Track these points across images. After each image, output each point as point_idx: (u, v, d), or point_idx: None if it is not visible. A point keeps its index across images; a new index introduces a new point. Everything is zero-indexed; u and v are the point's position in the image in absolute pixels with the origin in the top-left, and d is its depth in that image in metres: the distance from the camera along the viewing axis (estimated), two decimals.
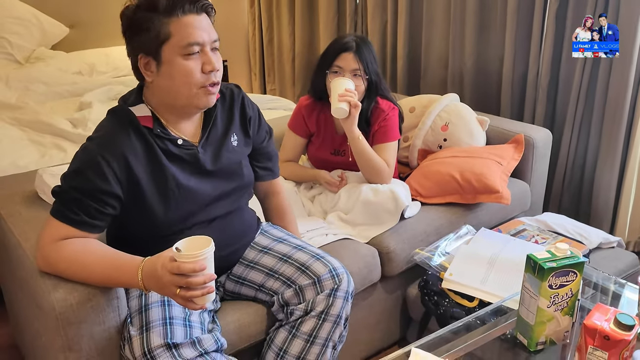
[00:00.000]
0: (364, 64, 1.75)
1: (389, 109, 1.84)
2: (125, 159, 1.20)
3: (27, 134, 2.46)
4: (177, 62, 1.18)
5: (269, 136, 1.51)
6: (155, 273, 1.07)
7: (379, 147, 1.82)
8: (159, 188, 1.25)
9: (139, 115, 1.24)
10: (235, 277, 1.45)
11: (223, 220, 1.37)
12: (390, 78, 3.10)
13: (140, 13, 1.18)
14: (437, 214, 1.85)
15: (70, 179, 1.19)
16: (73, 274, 1.17)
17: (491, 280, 1.55)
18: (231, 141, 1.37)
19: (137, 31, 1.18)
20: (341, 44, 1.78)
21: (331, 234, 1.72)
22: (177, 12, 1.16)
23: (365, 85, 1.78)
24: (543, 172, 2.16)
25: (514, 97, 2.51)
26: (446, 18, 2.70)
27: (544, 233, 1.84)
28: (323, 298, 1.34)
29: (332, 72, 1.78)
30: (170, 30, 1.16)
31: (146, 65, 1.21)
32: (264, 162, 1.51)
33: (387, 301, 1.78)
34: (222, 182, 1.35)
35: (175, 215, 1.28)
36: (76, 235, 1.18)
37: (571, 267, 1.05)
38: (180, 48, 1.17)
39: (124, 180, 1.20)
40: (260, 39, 4.02)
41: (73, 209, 1.17)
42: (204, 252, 1.05)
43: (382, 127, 1.82)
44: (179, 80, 1.19)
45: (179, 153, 1.27)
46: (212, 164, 1.32)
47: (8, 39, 3.36)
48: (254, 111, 1.44)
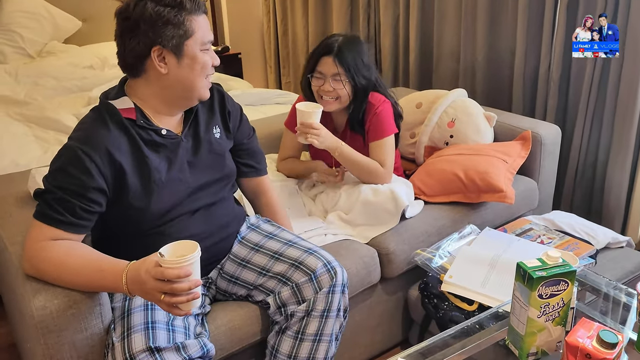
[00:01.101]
0: (344, 67, 1.68)
1: (379, 103, 1.76)
2: (108, 152, 1.20)
3: (32, 130, 2.48)
4: (198, 56, 1.26)
5: (252, 134, 1.53)
6: (139, 278, 1.06)
7: (372, 145, 1.77)
8: (143, 179, 1.25)
9: (120, 107, 1.25)
10: (228, 275, 1.43)
11: (206, 211, 1.37)
12: (402, 72, 3.05)
13: (163, 9, 1.20)
14: (440, 213, 1.80)
15: (53, 178, 1.18)
16: (58, 277, 1.16)
17: (492, 283, 1.50)
18: (213, 133, 1.39)
19: (160, 25, 1.20)
20: (323, 47, 1.72)
21: (330, 234, 1.69)
22: (199, 10, 1.25)
23: (350, 90, 1.71)
24: (552, 169, 2.09)
25: (526, 91, 2.44)
26: (458, 12, 2.65)
27: (551, 232, 1.78)
28: (323, 296, 1.34)
29: (314, 77, 1.73)
30: (193, 27, 1.24)
31: (162, 58, 1.23)
32: (247, 158, 1.51)
33: (388, 302, 1.75)
34: (204, 172, 1.36)
35: (159, 207, 1.27)
36: (61, 237, 1.17)
37: (562, 276, 1.01)
38: (201, 44, 1.26)
39: (108, 174, 1.20)
40: (275, 31, 4.00)
41: (57, 209, 1.16)
42: (189, 257, 1.03)
43: (374, 124, 1.75)
44: (197, 71, 1.26)
45: (163, 142, 1.29)
46: (195, 154, 1.34)
47: (20, 33, 3.39)
48: (235, 108, 1.48)
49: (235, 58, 4.09)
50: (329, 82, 1.70)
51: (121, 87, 1.29)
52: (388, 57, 3.09)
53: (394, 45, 3.07)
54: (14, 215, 1.50)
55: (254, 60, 4.25)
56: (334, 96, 1.71)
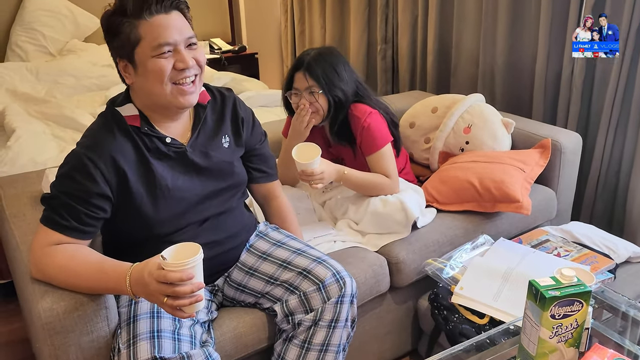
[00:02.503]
0: (315, 80, 1.65)
1: (365, 115, 1.70)
2: (113, 159, 1.19)
3: (50, 128, 2.51)
4: (149, 63, 1.17)
5: (264, 139, 1.50)
6: (142, 280, 1.05)
7: (370, 159, 1.73)
8: (148, 187, 1.24)
9: (126, 114, 1.24)
10: (235, 283, 1.42)
11: (215, 220, 1.35)
12: (420, 74, 3.01)
13: (113, 17, 1.17)
14: (453, 222, 1.76)
15: (59, 184, 1.19)
16: (63, 280, 1.16)
17: (504, 297, 1.46)
18: (222, 142, 1.36)
19: (112, 36, 1.18)
20: (295, 63, 1.71)
21: (339, 241, 1.66)
22: (143, 14, 1.15)
23: (324, 102, 1.68)
24: (571, 178, 2.04)
25: (547, 97, 2.38)
26: (478, 13, 2.59)
27: (568, 245, 1.73)
28: (331, 306, 1.31)
29: (292, 94, 1.72)
30: (140, 33, 1.16)
31: (125, 68, 1.21)
32: (259, 163, 1.48)
33: (397, 312, 1.72)
34: (211, 181, 1.33)
35: (166, 215, 1.26)
36: (67, 242, 1.18)
37: (577, 297, 0.96)
38: (151, 49, 1.16)
39: (113, 181, 1.20)
40: (292, 30, 3.98)
41: (63, 215, 1.16)
42: (191, 260, 1.02)
43: (365, 138, 1.71)
44: (152, 80, 1.18)
45: (167, 151, 1.27)
46: (201, 163, 1.32)
47: (42, 31, 3.45)
48: (247, 113, 1.44)
49: (252, 58, 4.09)
50: (304, 97, 1.68)
51: (127, 93, 1.28)
52: (405, 58, 3.05)
53: (411, 46, 3.02)
54: (27, 215, 1.51)
55: (270, 60, 4.24)
56: (312, 109, 1.69)
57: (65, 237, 1.17)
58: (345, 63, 1.73)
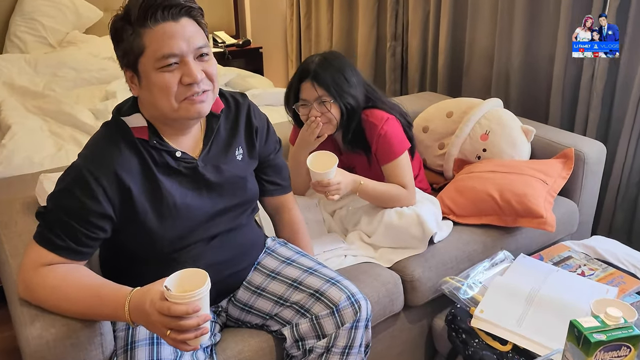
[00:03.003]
0: (325, 89, 1.55)
1: (382, 122, 1.61)
2: (117, 175, 1.09)
3: (48, 125, 2.43)
4: (152, 77, 1.06)
5: (278, 148, 1.39)
6: (143, 309, 0.96)
7: (386, 167, 1.63)
8: (155, 205, 1.14)
9: (133, 126, 1.13)
10: (241, 303, 1.32)
11: (224, 238, 1.25)
12: (430, 75, 2.91)
13: (118, 23, 1.06)
14: (471, 236, 1.67)
15: (56, 199, 1.08)
16: (55, 304, 1.07)
17: (528, 322, 1.37)
18: (235, 155, 1.25)
19: (116, 43, 1.08)
20: (300, 72, 1.60)
21: (350, 256, 1.57)
22: (148, 22, 1.03)
23: (337, 111, 1.58)
24: (594, 190, 1.94)
25: (565, 101, 2.28)
26: (493, 12, 2.48)
27: (592, 262, 1.64)
28: (345, 332, 1.23)
29: (300, 106, 1.61)
30: (143, 43, 1.04)
31: (131, 78, 1.11)
32: (272, 175, 1.38)
33: (411, 331, 1.63)
34: (223, 198, 1.23)
35: (172, 234, 1.17)
36: (60, 262, 1.08)
37: (625, 341, 0.87)
38: (155, 61, 1.05)
39: (116, 199, 1.09)
40: (298, 24, 3.87)
41: (58, 234, 1.07)
42: (198, 292, 0.93)
43: (381, 146, 1.61)
44: (157, 95, 1.08)
45: (177, 166, 1.16)
46: (213, 178, 1.21)
47: (42, 22, 3.38)
48: (262, 121, 1.32)
49: (256, 52, 3.98)
50: (314, 108, 1.57)
51: (135, 101, 1.16)
52: (415, 58, 2.94)
53: (422, 45, 2.92)
54: (19, 224, 1.42)
55: (275, 55, 4.14)
56: (324, 121, 1.58)
57: (60, 257, 1.07)
58: (352, 67, 1.64)
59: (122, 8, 1.07)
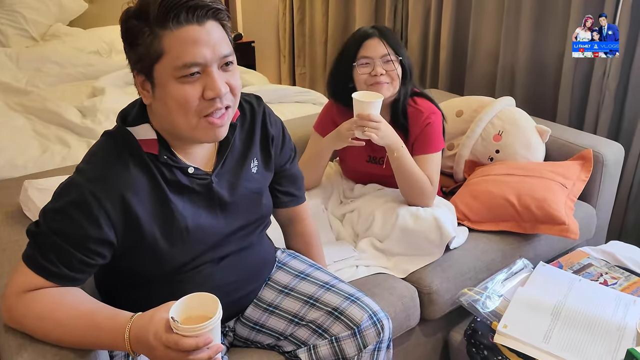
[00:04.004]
0: (392, 46, 1.54)
1: (430, 112, 1.58)
2: (123, 198, 0.96)
3: (31, 123, 2.29)
4: (170, 87, 0.92)
5: (294, 156, 1.28)
6: (146, 341, 0.86)
7: (419, 158, 1.56)
8: (164, 228, 1.01)
9: (141, 138, 1.00)
10: (251, 322, 1.22)
11: (236, 257, 1.14)
12: (431, 71, 2.82)
13: (132, 21, 0.91)
14: (489, 244, 1.58)
15: (51, 219, 0.94)
16: (44, 334, 0.95)
17: (556, 337, 1.28)
18: (250, 167, 1.13)
19: (130, 43, 0.93)
20: (361, 33, 1.58)
21: (362, 266, 1.47)
22: (169, 23, 0.89)
23: (399, 70, 1.55)
24: (611, 194, 1.87)
25: (574, 100, 2.20)
26: (499, 4, 2.40)
27: (613, 270, 1.57)
28: (367, 356, 1.14)
29: (360, 65, 1.54)
30: (162, 47, 0.90)
31: (142, 84, 0.96)
32: (287, 186, 1.27)
33: (426, 345, 1.54)
34: (238, 216, 1.11)
35: (182, 258, 1.05)
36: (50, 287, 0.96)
37: None
38: (174, 69, 0.91)
39: (120, 223, 0.96)
40: (291, 18, 3.77)
41: (51, 259, 0.94)
42: (209, 323, 0.83)
43: (423, 135, 1.56)
44: (173, 109, 0.94)
45: (190, 184, 1.03)
46: (228, 196, 1.09)
47: (23, 13, 3.22)
48: (278, 128, 1.20)
49: (248, 46, 3.86)
50: (379, 66, 1.52)
51: (142, 108, 1.02)
52: (415, 53, 2.85)
53: (422, 40, 2.84)
54: (2, 236, 1.31)
55: (267, 49, 4.02)
56: (387, 80, 1.54)
57: (50, 283, 0.95)
58: None
59: (133, 2, 0.93)
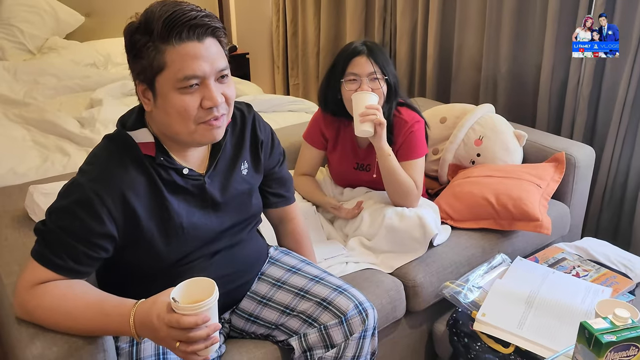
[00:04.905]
0: (379, 65, 1.61)
1: (413, 121, 1.68)
2: (123, 196, 1.05)
3: (31, 134, 2.35)
4: (171, 97, 1.02)
5: (283, 159, 1.37)
6: (150, 324, 0.94)
7: (404, 164, 1.65)
8: (161, 226, 1.11)
9: (139, 141, 1.09)
10: (246, 313, 1.31)
11: (228, 253, 1.23)
12: (419, 81, 2.94)
13: (137, 35, 1.01)
14: (469, 241, 1.69)
15: (57, 217, 1.03)
16: (55, 322, 1.04)
17: (529, 324, 1.39)
18: (241, 169, 1.23)
19: (133, 55, 1.03)
20: (351, 50, 1.64)
21: (352, 262, 1.57)
22: (172, 39, 0.99)
23: (385, 89, 1.63)
24: (584, 193, 1.98)
25: (552, 107, 2.33)
26: (481, 19, 2.53)
27: (585, 264, 1.67)
28: (354, 342, 1.23)
29: (347, 81, 1.62)
30: (165, 60, 1.00)
31: (144, 92, 1.06)
32: (277, 188, 1.37)
33: (411, 336, 1.63)
34: (229, 215, 1.21)
35: (177, 253, 1.14)
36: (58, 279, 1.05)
37: (633, 341, 0.89)
38: (175, 81, 1.01)
39: (120, 219, 1.06)
40: (284, 31, 3.88)
41: (58, 253, 1.03)
42: (207, 302, 0.92)
43: (408, 142, 1.66)
44: (173, 117, 1.04)
45: (185, 184, 1.13)
46: (220, 196, 1.18)
47: (20, 27, 3.27)
48: (267, 133, 1.30)
49: (242, 58, 3.97)
50: (366, 83, 1.60)
51: (140, 114, 1.12)
52: (404, 64, 2.97)
53: (410, 52, 2.96)
54: (9, 239, 1.38)
55: (261, 61, 4.13)
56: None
57: (58, 276, 1.04)
58: None
59: (137, 15, 1.03)
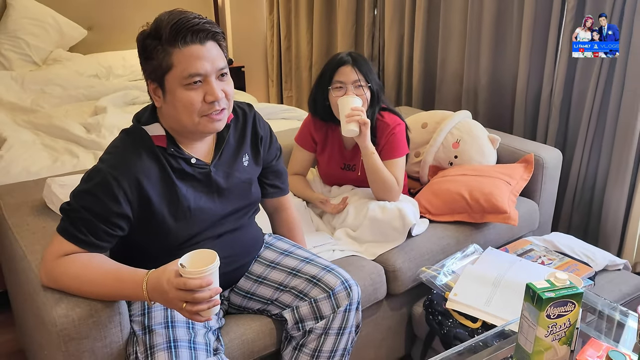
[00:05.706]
0: (363, 73, 1.78)
1: (395, 124, 1.84)
2: (137, 180, 1.21)
3: (40, 138, 2.49)
4: (178, 93, 1.19)
5: (279, 154, 1.54)
6: (161, 288, 1.09)
7: (386, 163, 1.82)
8: (171, 209, 1.27)
9: (153, 134, 1.26)
10: (243, 291, 1.46)
11: (230, 236, 1.39)
12: (406, 91, 3.11)
13: (148, 40, 1.19)
14: (445, 232, 1.85)
15: (80, 198, 1.20)
16: (77, 289, 1.19)
17: (495, 302, 1.55)
18: (242, 161, 1.39)
19: (145, 58, 1.21)
20: (337, 60, 1.82)
21: (338, 250, 1.73)
22: (178, 42, 1.16)
23: (368, 95, 1.80)
24: (552, 192, 2.16)
25: (527, 115, 2.50)
26: (462, 34, 2.71)
27: (551, 254, 1.84)
28: (340, 315, 1.38)
29: (334, 88, 1.80)
30: (172, 61, 1.17)
31: (155, 91, 1.24)
32: (273, 179, 1.53)
33: (392, 318, 1.79)
34: (231, 201, 1.37)
35: (185, 233, 1.30)
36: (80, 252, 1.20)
37: (570, 298, 1.05)
38: (182, 79, 1.18)
39: (135, 201, 1.22)
40: (279, 45, 4.06)
41: (81, 229, 1.19)
42: (210, 268, 1.07)
43: (390, 142, 1.83)
44: (180, 110, 1.21)
45: (192, 172, 1.29)
46: (223, 183, 1.35)
47: (26, 40, 3.37)
48: (266, 130, 1.46)
49: (238, 71, 4.14)
50: (350, 90, 1.77)
51: (153, 111, 1.29)
52: (391, 76, 3.15)
53: (397, 64, 3.13)
54: (30, 225, 1.53)
55: (256, 74, 4.29)
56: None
57: (80, 249, 1.20)
58: None
59: (148, 24, 1.21)
